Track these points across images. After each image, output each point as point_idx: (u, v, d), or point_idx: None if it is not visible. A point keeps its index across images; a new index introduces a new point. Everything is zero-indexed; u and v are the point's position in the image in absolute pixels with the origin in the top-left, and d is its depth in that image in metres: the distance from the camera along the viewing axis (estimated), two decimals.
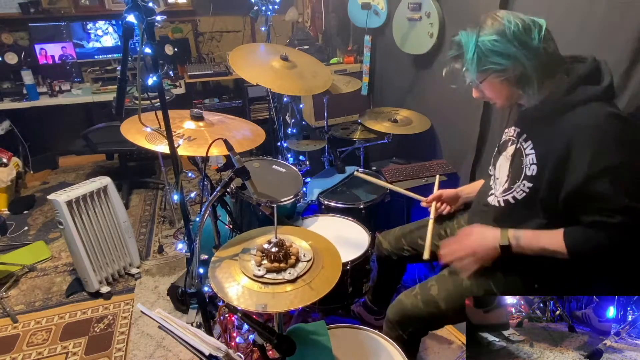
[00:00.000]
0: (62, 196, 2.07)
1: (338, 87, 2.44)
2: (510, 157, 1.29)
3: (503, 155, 1.34)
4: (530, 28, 1.13)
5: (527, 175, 1.20)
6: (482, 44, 1.14)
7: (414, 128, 2.34)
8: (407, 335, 1.39)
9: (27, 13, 3.41)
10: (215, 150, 1.41)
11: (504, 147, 1.35)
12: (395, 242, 1.71)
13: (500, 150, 1.38)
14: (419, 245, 1.62)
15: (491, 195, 1.35)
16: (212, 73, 3.66)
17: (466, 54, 1.17)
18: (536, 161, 1.18)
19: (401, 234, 1.71)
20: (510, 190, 1.26)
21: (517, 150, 1.26)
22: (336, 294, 1.48)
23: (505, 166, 1.31)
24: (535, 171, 1.18)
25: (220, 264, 1.26)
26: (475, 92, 1.29)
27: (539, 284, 1.28)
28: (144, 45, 1.16)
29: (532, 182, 1.19)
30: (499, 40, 1.14)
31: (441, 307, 1.34)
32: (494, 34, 1.14)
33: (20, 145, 3.58)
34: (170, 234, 2.90)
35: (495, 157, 1.40)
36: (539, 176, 1.17)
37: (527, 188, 1.21)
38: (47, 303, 2.30)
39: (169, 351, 1.97)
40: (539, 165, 1.17)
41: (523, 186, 1.22)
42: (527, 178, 1.21)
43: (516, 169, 1.25)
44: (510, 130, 1.33)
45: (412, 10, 2.39)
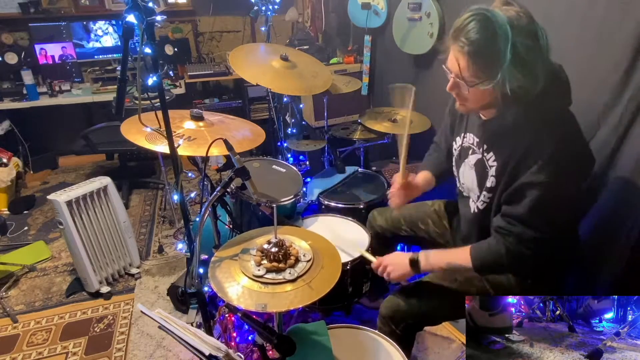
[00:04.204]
0: (62, 196, 2.06)
1: (338, 87, 2.44)
2: (473, 166, 1.29)
3: (465, 162, 1.33)
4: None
5: (487, 186, 1.23)
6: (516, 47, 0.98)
7: (414, 128, 2.33)
8: (400, 331, 1.40)
9: (27, 13, 3.41)
10: (215, 150, 1.41)
11: (465, 153, 1.33)
12: (393, 220, 1.71)
13: (461, 155, 1.36)
14: (418, 228, 1.64)
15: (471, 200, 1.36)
16: (212, 73, 3.66)
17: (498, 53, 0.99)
18: (495, 173, 1.19)
19: (401, 214, 1.70)
20: (479, 199, 1.29)
21: (480, 160, 1.25)
22: (336, 294, 1.47)
23: (470, 174, 1.31)
24: (494, 183, 1.20)
25: (220, 264, 1.26)
26: (452, 85, 1.14)
27: (532, 279, 1.28)
28: (144, 45, 1.16)
29: (491, 193, 1.22)
30: (532, 49, 1.00)
31: (433, 304, 1.36)
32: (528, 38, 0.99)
33: (20, 145, 3.58)
34: (170, 234, 2.90)
35: (457, 162, 1.39)
36: (496, 187, 1.20)
37: (487, 199, 1.24)
38: (47, 303, 2.30)
39: (169, 351, 1.97)
40: (496, 177, 1.19)
41: (484, 197, 1.25)
42: (486, 189, 1.23)
43: (481, 180, 1.26)
44: (469, 136, 1.31)
45: (412, 10, 2.39)
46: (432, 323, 1.47)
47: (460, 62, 1.06)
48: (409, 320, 1.40)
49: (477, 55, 1.03)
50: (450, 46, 1.09)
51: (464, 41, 1.03)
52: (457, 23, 1.05)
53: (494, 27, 0.99)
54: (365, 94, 3.09)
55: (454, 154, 1.40)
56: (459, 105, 1.20)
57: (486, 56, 1.02)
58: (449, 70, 1.12)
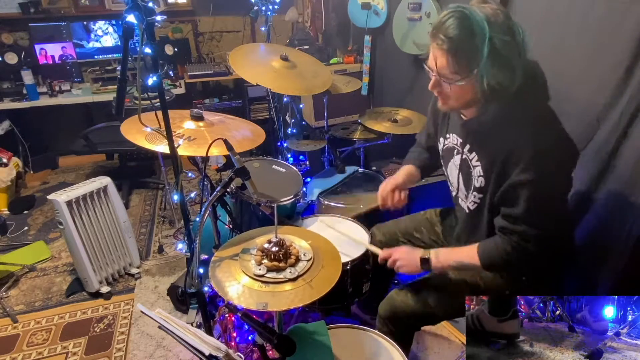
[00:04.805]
0: (62, 196, 2.06)
1: (338, 87, 2.44)
2: (458, 166, 1.30)
3: (451, 162, 1.34)
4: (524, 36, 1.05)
5: (476, 186, 1.24)
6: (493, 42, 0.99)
7: (414, 128, 2.33)
8: (398, 331, 1.41)
9: (27, 13, 3.40)
10: (215, 150, 1.41)
11: (450, 154, 1.35)
12: (390, 234, 1.73)
13: (446, 155, 1.37)
14: (414, 237, 1.66)
15: (460, 200, 1.37)
16: (212, 73, 3.66)
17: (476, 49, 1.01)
18: (482, 173, 1.21)
19: (396, 227, 1.73)
20: (468, 199, 1.30)
21: (464, 161, 1.27)
22: (336, 294, 1.48)
23: (455, 174, 1.33)
24: (483, 183, 1.21)
25: (220, 263, 1.26)
26: (434, 83, 1.15)
27: (527, 276, 1.29)
28: (144, 45, 1.15)
29: (482, 194, 1.23)
30: (508, 44, 1.01)
31: (430, 304, 1.37)
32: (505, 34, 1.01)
33: (20, 145, 3.58)
34: (170, 234, 2.90)
35: (444, 162, 1.40)
36: (486, 187, 1.21)
37: (477, 199, 1.26)
38: (47, 303, 2.30)
39: (169, 351, 1.97)
40: (485, 176, 1.20)
41: (474, 197, 1.26)
42: (476, 189, 1.24)
43: (467, 180, 1.28)
44: (452, 137, 1.32)
45: (412, 10, 2.39)
46: (430, 322, 1.48)
47: (439, 60, 1.08)
48: (407, 320, 1.41)
49: (455, 52, 1.04)
50: (430, 44, 1.10)
51: (442, 38, 1.04)
52: (436, 21, 1.07)
53: (471, 24, 1.00)
54: (365, 94, 3.09)
55: (441, 154, 1.42)
56: (442, 104, 1.20)
57: (464, 52, 1.03)
58: (430, 69, 1.13)
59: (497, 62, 1.01)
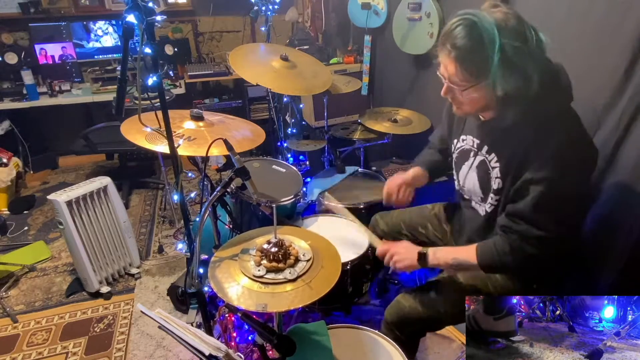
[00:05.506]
0: (62, 196, 2.06)
1: (338, 87, 2.44)
2: (475, 168, 1.28)
3: (466, 164, 1.32)
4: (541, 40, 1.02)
5: (494, 188, 1.22)
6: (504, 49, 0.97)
7: (414, 128, 2.33)
8: (405, 337, 1.39)
9: (27, 13, 3.40)
10: (215, 150, 1.41)
11: (465, 156, 1.33)
12: (394, 224, 1.70)
13: (459, 158, 1.35)
14: (418, 232, 1.64)
15: (474, 203, 1.35)
16: (212, 73, 3.66)
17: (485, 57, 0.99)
18: (500, 174, 1.19)
19: (401, 218, 1.70)
20: (485, 201, 1.28)
21: (482, 162, 1.25)
22: (336, 294, 1.47)
23: (471, 177, 1.30)
24: (501, 184, 1.19)
25: (220, 264, 1.26)
26: (446, 90, 1.15)
27: (538, 284, 1.28)
28: (144, 45, 1.15)
29: (498, 195, 1.22)
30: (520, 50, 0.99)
31: (439, 310, 1.34)
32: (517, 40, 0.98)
33: (20, 145, 3.58)
34: (170, 234, 2.90)
35: (456, 164, 1.38)
36: (502, 188, 1.19)
37: (495, 201, 1.24)
38: (47, 303, 2.30)
39: (169, 351, 1.97)
40: (502, 178, 1.19)
41: (491, 199, 1.24)
42: (494, 191, 1.23)
43: (485, 182, 1.25)
44: (469, 139, 1.31)
45: (412, 10, 2.39)
46: (436, 328, 1.47)
47: (449, 68, 1.08)
48: (414, 326, 1.39)
49: (464, 60, 1.03)
50: (439, 52, 1.09)
51: (450, 48, 1.04)
52: (445, 28, 1.06)
53: (480, 32, 0.99)
54: (365, 94, 3.09)
55: (453, 156, 1.39)
56: (456, 109, 1.20)
57: (473, 61, 1.03)
58: (442, 76, 1.13)
59: (509, 69, 0.99)
